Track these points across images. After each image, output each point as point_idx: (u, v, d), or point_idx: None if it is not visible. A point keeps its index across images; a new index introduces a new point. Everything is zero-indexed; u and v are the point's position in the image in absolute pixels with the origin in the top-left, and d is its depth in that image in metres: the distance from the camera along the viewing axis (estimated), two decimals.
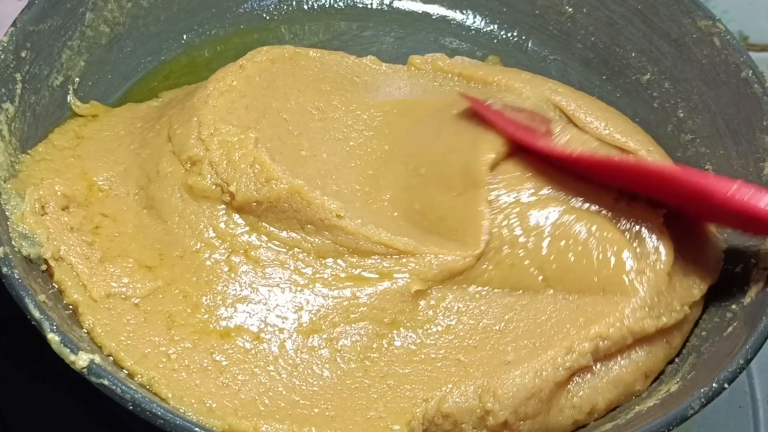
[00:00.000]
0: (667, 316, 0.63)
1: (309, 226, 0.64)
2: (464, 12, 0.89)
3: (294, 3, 0.89)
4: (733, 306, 0.64)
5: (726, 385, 0.55)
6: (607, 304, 0.62)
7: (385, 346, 0.62)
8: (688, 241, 0.69)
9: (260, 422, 0.56)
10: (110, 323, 0.59)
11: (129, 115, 0.74)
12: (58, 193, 0.63)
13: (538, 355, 0.60)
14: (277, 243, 0.65)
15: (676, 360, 0.65)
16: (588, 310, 0.63)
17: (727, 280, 0.67)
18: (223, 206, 0.65)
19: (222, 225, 0.65)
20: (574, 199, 0.67)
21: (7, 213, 0.59)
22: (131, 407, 0.51)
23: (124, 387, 0.51)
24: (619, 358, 0.62)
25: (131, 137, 0.71)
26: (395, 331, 0.63)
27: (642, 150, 0.74)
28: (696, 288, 0.66)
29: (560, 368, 0.60)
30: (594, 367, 0.61)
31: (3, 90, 0.64)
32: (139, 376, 0.57)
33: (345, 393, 0.59)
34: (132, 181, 0.67)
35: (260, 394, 0.58)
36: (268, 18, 0.87)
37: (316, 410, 0.58)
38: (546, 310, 0.64)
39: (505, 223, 0.66)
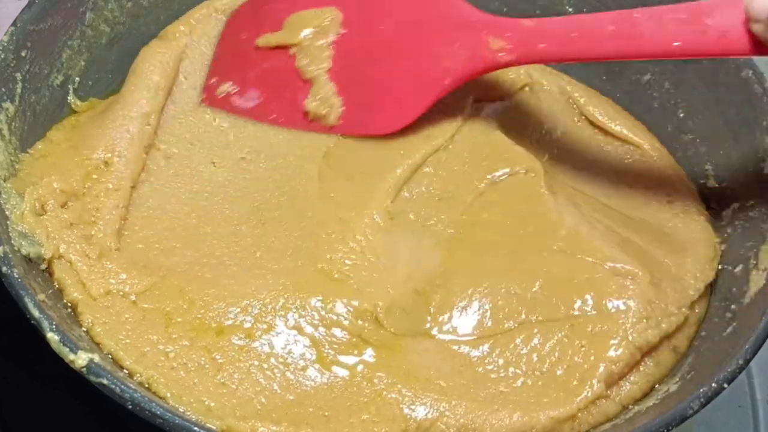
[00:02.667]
0: (667, 322, 0.63)
1: None
2: None
3: None
4: (733, 306, 0.64)
5: (725, 385, 0.55)
6: (605, 323, 0.62)
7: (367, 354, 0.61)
8: (677, 241, 0.69)
9: (257, 423, 0.56)
10: (109, 322, 0.59)
11: None
12: (57, 190, 0.63)
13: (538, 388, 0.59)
14: None
15: None
16: (587, 331, 0.62)
17: (726, 281, 0.67)
18: None
19: None
20: None
21: (6, 212, 0.59)
22: (130, 407, 0.51)
23: (123, 386, 0.51)
24: (629, 376, 0.62)
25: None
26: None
27: (646, 144, 0.77)
28: (691, 288, 0.66)
29: (568, 406, 0.59)
30: (607, 392, 0.61)
31: (3, 89, 0.64)
32: (138, 375, 0.57)
33: (335, 393, 0.59)
34: (123, 146, 0.68)
35: (257, 393, 0.58)
36: None
37: (310, 409, 0.58)
38: (535, 336, 0.62)
39: None
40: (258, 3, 0.77)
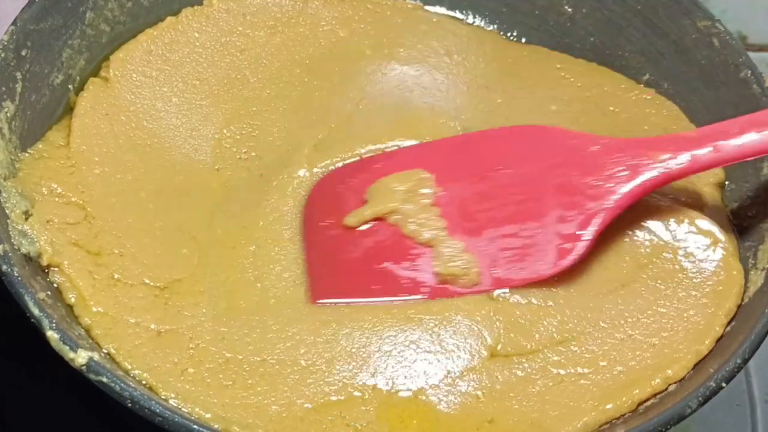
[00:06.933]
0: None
1: None
2: (464, 12, 0.89)
3: None
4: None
5: (724, 384, 0.55)
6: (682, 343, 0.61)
7: None
8: None
9: (256, 423, 0.56)
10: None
11: None
12: (56, 199, 0.63)
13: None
14: None
15: None
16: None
17: None
18: None
19: None
20: None
21: (7, 211, 0.60)
22: (130, 405, 0.51)
23: (122, 384, 0.51)
24: None
25: None
26: None
27: None
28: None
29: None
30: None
31: (3, 88, 0.64)
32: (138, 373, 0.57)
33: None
34: (116, 148, 0.68)
35: (253, 393, 0.58)
36: None
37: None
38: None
39: None
40: (327, 187, 0.69)
